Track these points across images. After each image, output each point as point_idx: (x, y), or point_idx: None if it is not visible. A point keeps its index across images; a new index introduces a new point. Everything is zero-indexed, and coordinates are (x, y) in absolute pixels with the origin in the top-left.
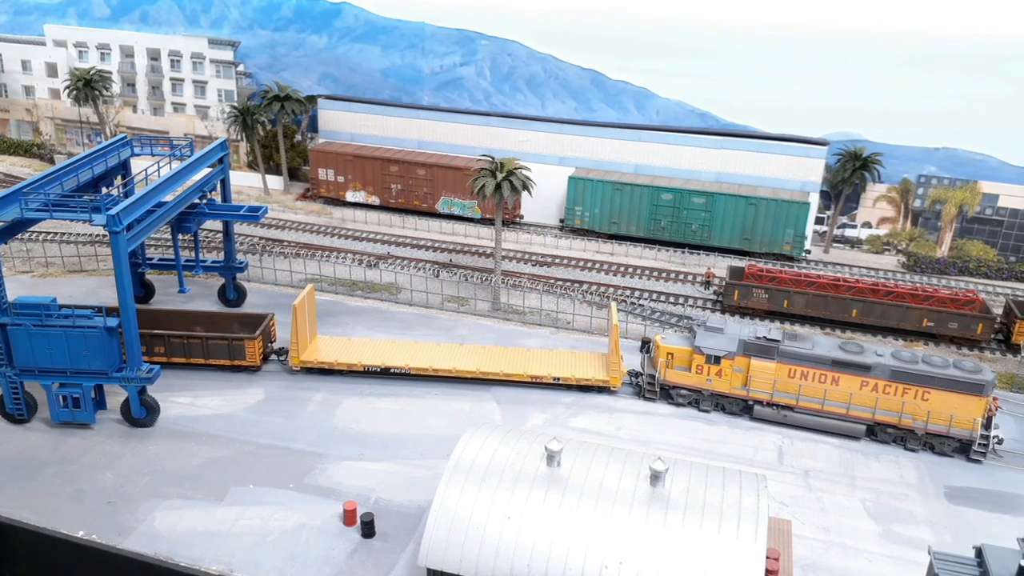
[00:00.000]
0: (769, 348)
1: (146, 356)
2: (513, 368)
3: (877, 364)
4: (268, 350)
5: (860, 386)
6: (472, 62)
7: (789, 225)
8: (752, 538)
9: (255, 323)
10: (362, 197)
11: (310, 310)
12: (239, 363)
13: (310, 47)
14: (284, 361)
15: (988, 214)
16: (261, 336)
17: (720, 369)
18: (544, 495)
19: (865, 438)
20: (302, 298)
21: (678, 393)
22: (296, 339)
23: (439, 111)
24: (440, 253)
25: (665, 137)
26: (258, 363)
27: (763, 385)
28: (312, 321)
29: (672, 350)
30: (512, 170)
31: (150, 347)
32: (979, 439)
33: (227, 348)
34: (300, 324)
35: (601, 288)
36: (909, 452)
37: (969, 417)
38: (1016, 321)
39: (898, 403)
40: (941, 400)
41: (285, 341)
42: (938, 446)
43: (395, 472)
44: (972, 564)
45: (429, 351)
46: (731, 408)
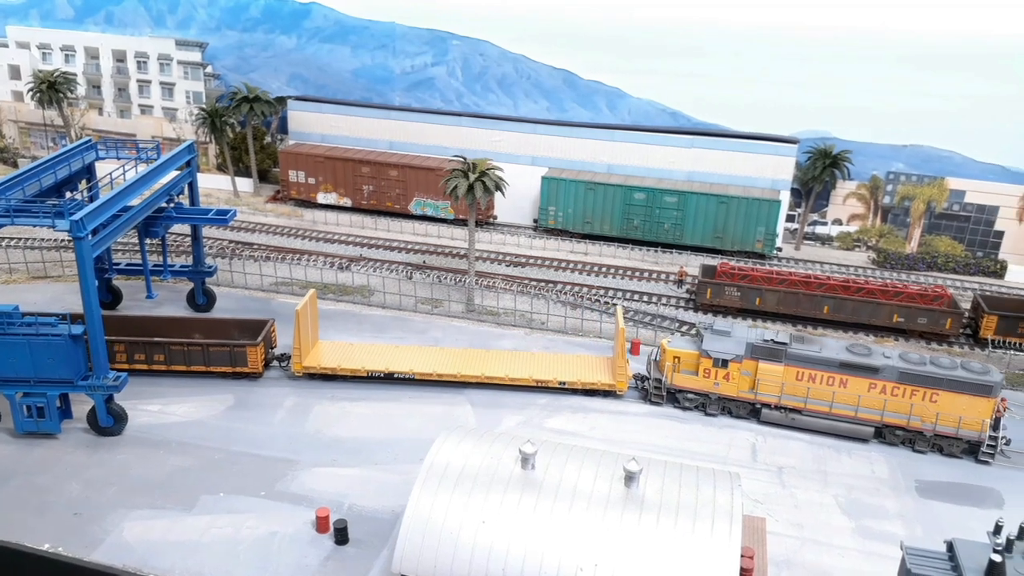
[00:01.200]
0: (777, 351)
1: (144, 365)
2: (518, 373)
3: (885, 366)
4: (269, 356)
5: (868, 388)
6: (443, 62)
7: (760, 223)
8: (726, 537)
9: (256, 329)
10: (333, 199)
11: (312, 315)
12: (241, 370)
13: (279, 48)
14: (286, 367)
15: (955, 210)
16: (263, 342)
17: (728, 373)
18: (519, 498)
19: (873, 440)
20: (304, 303)
21: (685, 397)
22: (298, 345)
23: (411, 111)
24: (413, 255)
25: (637, 137)
26: (260, 370)
27: (771, 388)
28: (314, 326)
29: (679, 354)
30: (485, 170)
31: (149, 355)
32: (987, 440)
33: (229, 355)
34: (302, 329)
35: (575, 288)
36: (881, 447)
37: (978, 418)
38: (983, 315)
39: (907, 405)
40: (950, 401)
41: (285, 347)
42: (946, 448)
43: (368, 477)
44: (943, 558)
45: (433, 355)
46: (738, 412)
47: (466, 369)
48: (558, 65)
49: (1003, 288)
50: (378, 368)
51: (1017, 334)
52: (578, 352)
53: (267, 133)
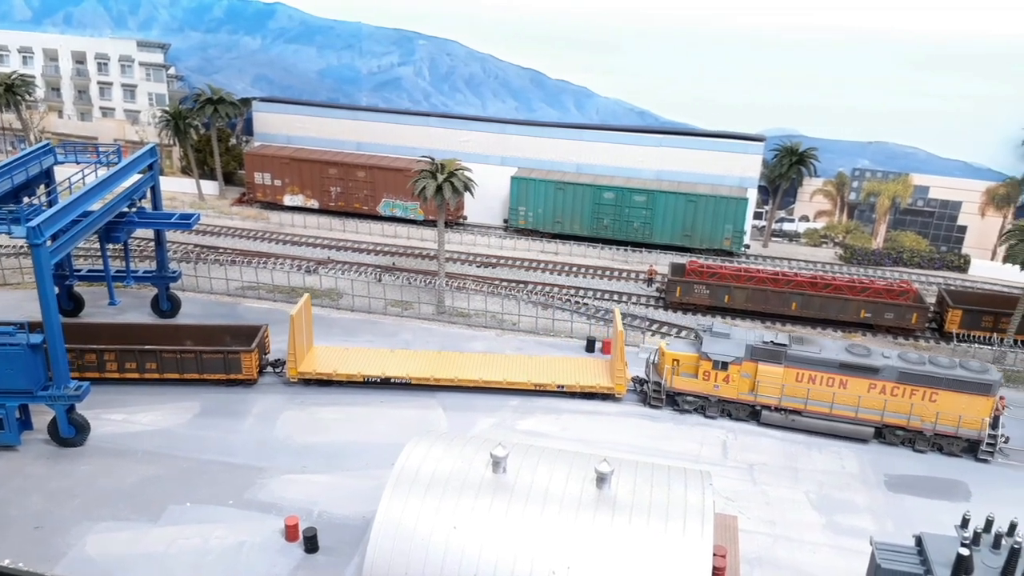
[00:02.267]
0: (777, 353)
1: (136, 374)
2: (516, 376)
3: (885, 366)
4: (264, 362)
5: (868, 389)
6: (410, 62)
7: (728, 221)
8: (698, 536)
9: (249, 335)
10: (300, 201)
11: (307, 320)
12: (235, 377)
13: (243, 49)
14: (280, 373)
15: (920, 205)
16: (257, 348)
17: (727, 375)
18: (490, 502)
19: (873, 441)
20: (299, 308)
21: (684, 400)
22: (293, 350)
23: (378, 112)
24: (382, 256)
25: (606, 136)
26: (255, 376)
27: (771, 390)
28: (309, 331)
29: (678, 356)
30: (453, 171)
31: (140, 364)
32: (987, 439)
33: (223, 362)
34: (297, 334)
35: (546, 288)
36: (850, 442)
37: (977, 417)
38: (948, 310)
39: (906, 405)
40: (949, 401)
41: (279, 352)
42: (946, 447)
43: (338, 484)
44: (912, 552)
45: (429, 360)
46: (738, 414)
47: (463, 374)
48: (525, 65)
49: (967, 282)
50: (374, 373)
51: (981, 328)
52: (549, 352)
53: (232, 135)
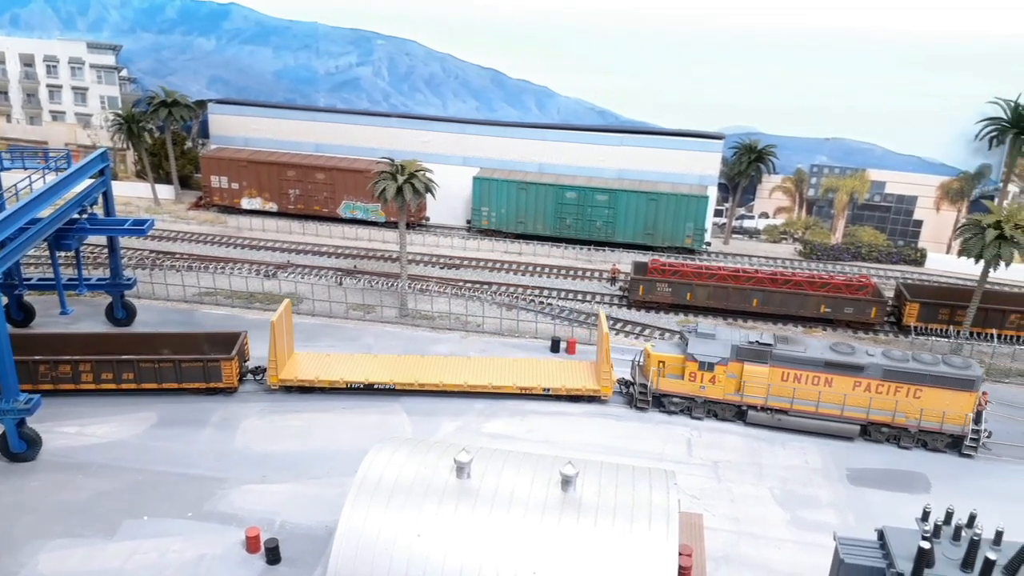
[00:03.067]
0: (762, 352)
1: (113, 384)
2: (501, 380)
3: (870, 364)
4: (244, 370)
5: (853, 387)
6: (368, 62)
7: (689, 219)
8: (663, 536)
9: (228, 342)
10: (258, 204)
11: (287, 326)
12: (215, 385)
13: (198, 50)
14: (261, 380)
15: (877, 200)
16: (237, 356)
17: (714, 376)
18: (454, 509)
19: (859, 439)
20: (279, 313)
21: (670, 401)
22: (274, 357)
23: (337, 112)
24: (343, 259)
25: (567, 136)
26: (235, 384)
27: (757, 390)
28: (289, 338)
29: (664, 358)
30: (414, 172)
31: (117, 374)
32: (970, 433)
33: (202, 370)
34: (278, 341)
35: (510, 289)
36: (813, 437)
37: (960, 412)
38: (906, 303)
39: (891, 402)
40: (933, 397)
41: (260, 359)
42: (931, 442)
43: (300, 493)
44: (875, 546)
45: (413, 365)
46: (724, 414)
47: (448, 378)
48: (485, 64)
49: (923, 276)
50: (357, 379)
51: (938, 320)
52: (515, 353)
53: (188, 138)
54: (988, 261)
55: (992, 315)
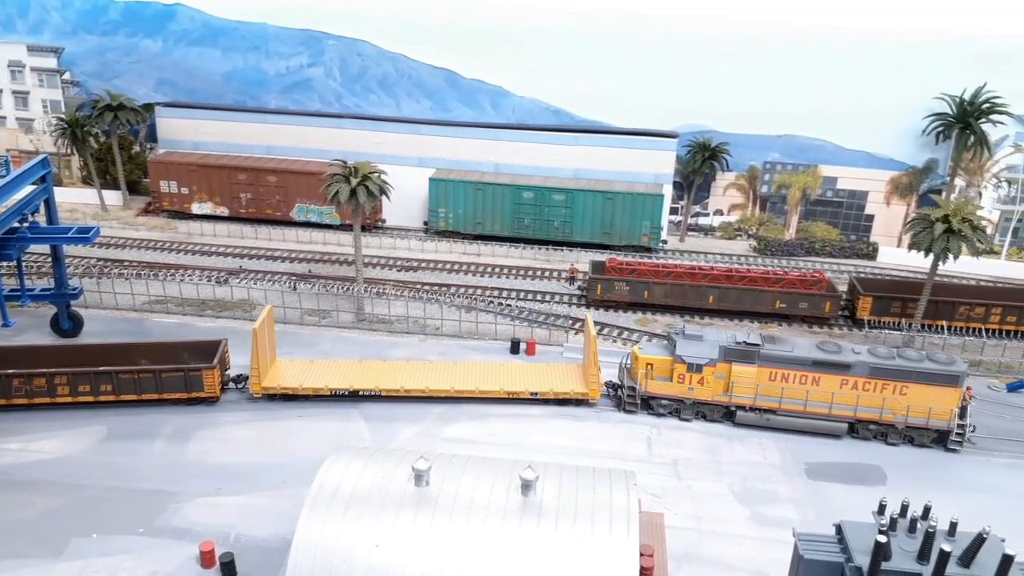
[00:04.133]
0: (750, 353)
1: (91, 396)
2: (488, 385)
3: (856, 362)
4: (225, 379)
5: (840, 385)
6: (320, 63)
7: (645, 217)
8: (624, 538)
9: (208, 351)
10: (209, 208)
11: (269, 333)
12: (196, 395)
13: (143, 52)
14: (243, 389)
15: (829, 196)
16: (219, 364)
17: (702, 377)
18: (413, 517)
19: (847, 436)
20: (262, 320)
21: (659, 404)
22: (256, 365)
23: (288, 114)
24: (297, 264)
25: (523, 135)
26: (217, 393)
27: (745, 390)
28: (271, 345)
29: (652, 360)
30: (367, 174)
31: (95, 386)
32: (956, 428)
33: (183, 380)
34: (260, 348)
35: (469, 290)
36: (771, 432)
37: (946, 408)
38: (859, 297)
39: (878, 399)
40: (919, 393)
41: (241, 368)
42: (917, 438)
43: (256, 505)
44: (833, 541)
45: (399, 370)
46: (712, 415)
47: (434, 384)
48: (439, 64)
49: (876, 269)
50: (342, 386)
51: (890, 313)
52: (474, 356)
53: (135, 142)
54: (937, 254)
55: (942, 307)
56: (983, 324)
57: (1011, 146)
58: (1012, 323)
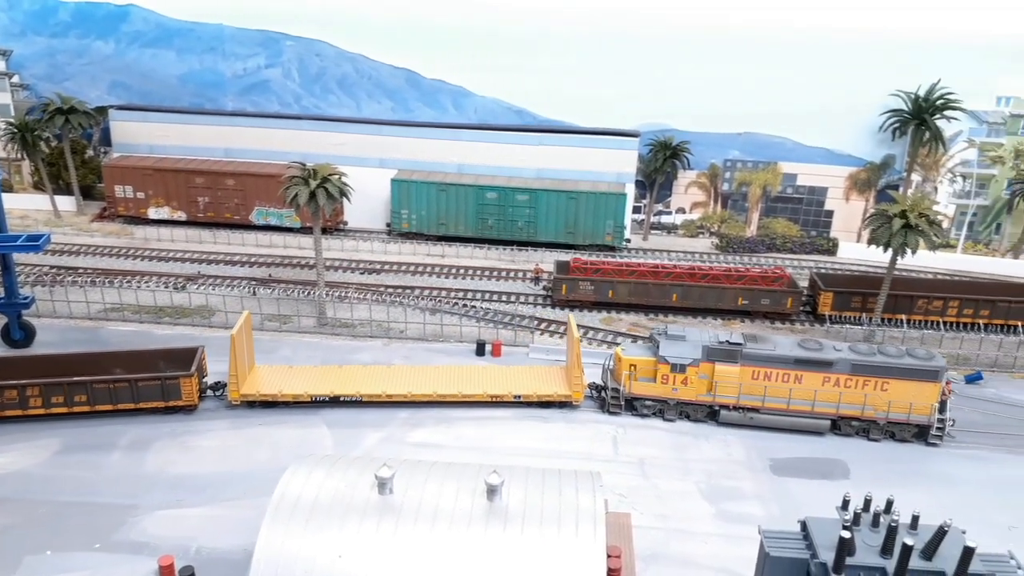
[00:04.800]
0: (733, 352)
1: (64, 408)
2: (471, 389)
3: (838, 359)
4: (203, 386)
5: (823, 382)
6: (278, 64)
7: (609, 216)
8: (591, 540)
9: (185, 358)
10: (166, 213)
11: (247, 339)
12: (174, 404)
13: (96, 54)
14: (222, 396)
15: (789, 192)
16: (196, 372)
17: (685, 377)
18: (377, 526)
19: (829, 433)
20: (239, 326)
21: (643, 405)
22: (235, 371)
23: (246, 116)
24: (257, 268)
25: (486, 136)
26: (196, 401)
27: (729, 390)
28: (250, 351)
29: (635, 361)
30: (327, 176)
31: (68, 397)
32: (936, 423)
33: (160, 389)
34: (238, 355)
35: (433, 292)
36: (734, 429)
37: (926, 403)
38: (820, 293)
39: (860, 396)
40: (900, 389)
41: (219, 375)
42: (899, 433)
43: (218, 516)
44: (798, 538)
45: (379, 375)
46: (696, 415)
47: (416, 388)
48: (399, 64)
49: (836, 265)
50: (322, 392)
51: (851, 308)
52: (439, 359)
53: (88, 146)
54: (896, 249)
55: (901, 301)
56: (941, 317)
57: (965, 141)
58: (969, 316)
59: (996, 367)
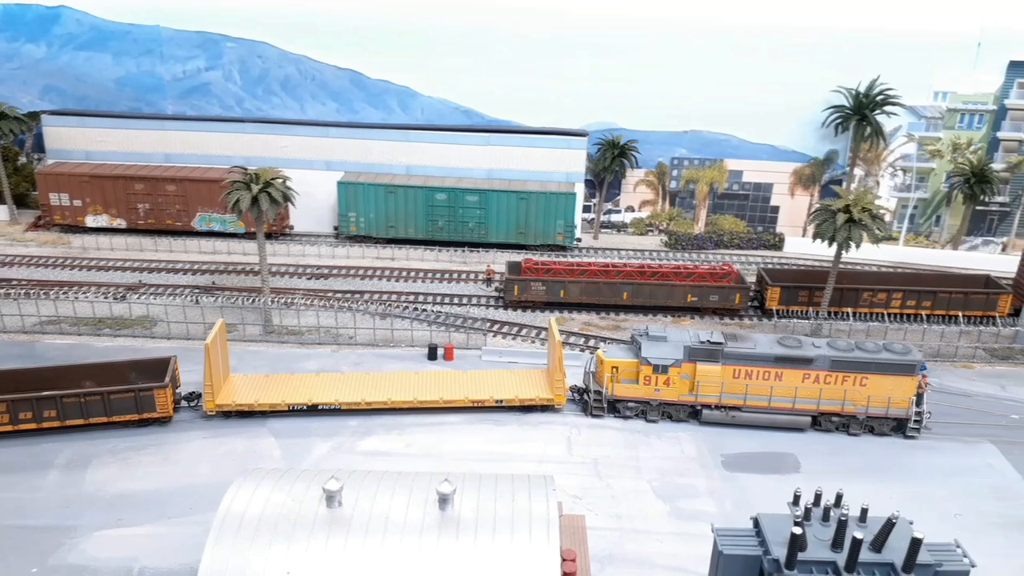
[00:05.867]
0: (714, 351)
1: (34, 424)
2: (452, 394)
3: (818, 356)
4: (177, 397)
5: (803, 379)
6: (218, 66)
7: (559, 216)
8: (544, 546)
9: (158, 369)
10: (105, 221)
11: (222, 348)
12: (149, 416)
13: (26, 57)
14: (196, 407)
15: (735, 189)
16: (171, 382)
17: (668, 378)
18: (326, 541)
19: (810, 429)
20: (213, 335)
21: (625, 406)
22: (210, 381)
23: (187, 120)
24: (201, 276)
25: (433, 136)
26: (170, 413)
27: (711, 389)
28: (224, 360)
29: (617, 363)
30: (269, 180)
31: (37, 412)
32: (914, 416)
33: (134, 401)
34: (213, 364)
35: (383, 296)
36: (686, 425)
37: (904, 397)
38: (767, 288)
39: (840, 391)
40: (878, 384)
41: (194, 385)
42: (878, 427)
43: (161, 534)
44: (751, 534)
45: (358, 382)
46: (678, 415)
47: (396, 395)
48: (343, 65)
49: (783, 260)
50: (300, 401)
51: (798, 303)
52: (391, 364)
53: (20, 153)
54: (840, 244)
55: (847, 294)
56: (885, 309)
57: (904, 136)
58: (912, 307)
59: (939, 357)
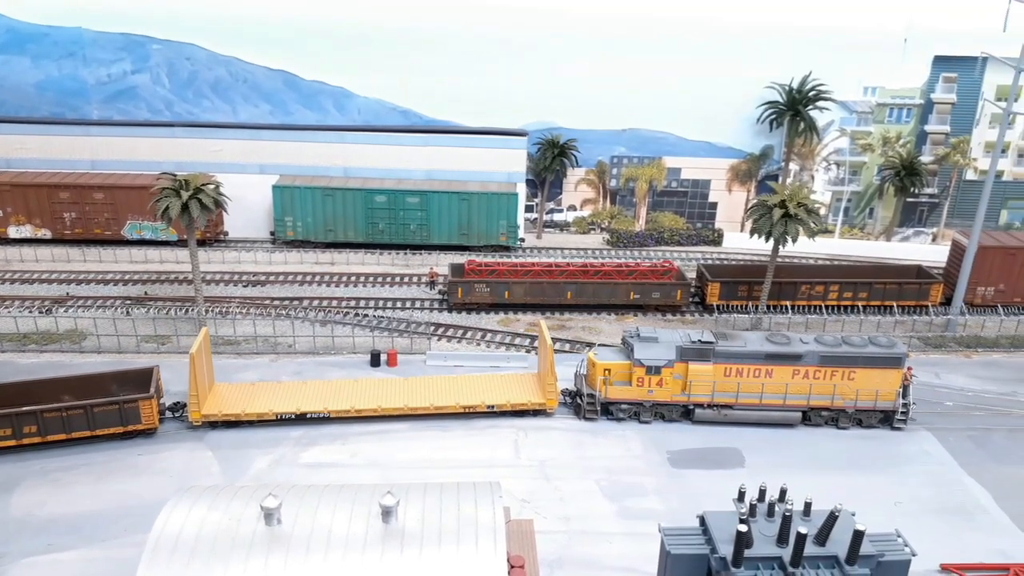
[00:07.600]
0: (705, 351)
1: (13, 440)
2: (443, 400)
3: (807, 352)
4: (161, 408)
5: (793, 375)
6: (145, 69)
7: (502, 216)
8: (491, 555)
9: (140, 379)
10: (28, 232)
11: (207, 357)
12: (134, 428)
13: None
14: (181, 418)
15: (674, 186)
16: (155, 393)
17: (660, 379)
18: (264, 561)
19: (800, 425)
20: (198, 345)
21: (618, 408)
22: (195, 391)
23: (113, 125)
24: (132, 286)
25: (371, 137)
26: (156, 424)
27: (703, 388)
28: (209, 369)
29: (609, 366)
30: (200, 186)
31: (17, 428)
32: (900, 407)
33: (118, 413)
34: (198, 374)
35: (323, 302)
36: (631, 423)
37: (891, 389)
38: (708, 283)
39: (829, 386)
40: (866, 377)
41: (178, 395)
42: (866, 420)
43: (94, 559)
44: (697, 533)
45: (348, 389)
46: (671, 416)
47: (385, 402)
48: (275, 66)
49: (722, 255)
50: (288, 409)
51: (737, 297)
52: (332, 372)
53: None
54: (777, 239)
55: (785, 288)
56: (823, 301)
57: (837, 131)
58: (848, 298)
59: None
